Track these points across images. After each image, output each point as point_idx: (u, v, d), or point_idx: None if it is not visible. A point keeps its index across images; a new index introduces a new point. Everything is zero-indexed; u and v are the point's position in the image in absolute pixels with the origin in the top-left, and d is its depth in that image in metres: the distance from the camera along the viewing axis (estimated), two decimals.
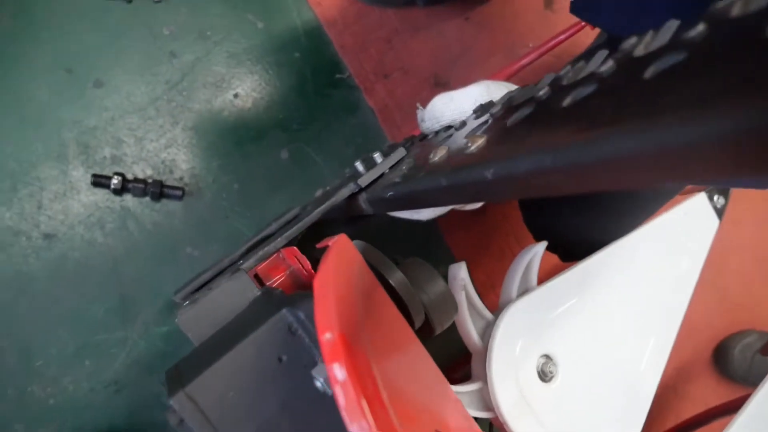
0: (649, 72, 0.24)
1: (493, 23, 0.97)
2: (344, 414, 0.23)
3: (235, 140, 0.78)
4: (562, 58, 1.00)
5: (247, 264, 0.45)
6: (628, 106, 0.22)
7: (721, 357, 1.10)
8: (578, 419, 0.59)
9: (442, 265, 0.91)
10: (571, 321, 0.61)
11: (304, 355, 0.33)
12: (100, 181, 0.70)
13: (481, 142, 0.34)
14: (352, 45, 0.86)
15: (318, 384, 0.32)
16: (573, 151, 0.23)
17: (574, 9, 0.70)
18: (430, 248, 0.90)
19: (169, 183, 0.73)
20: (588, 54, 0.83)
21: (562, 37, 0.80)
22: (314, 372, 0.31)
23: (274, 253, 0.46)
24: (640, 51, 0.27)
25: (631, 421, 0.63)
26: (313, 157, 0.82)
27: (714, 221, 0.73)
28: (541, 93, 0.34)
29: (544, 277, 0.63)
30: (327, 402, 0.32)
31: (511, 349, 0.56)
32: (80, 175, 0.71)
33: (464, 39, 0.94)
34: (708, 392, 1.11)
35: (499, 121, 0.36)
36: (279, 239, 0.46)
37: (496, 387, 0.54)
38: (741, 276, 1.12)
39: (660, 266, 0.69)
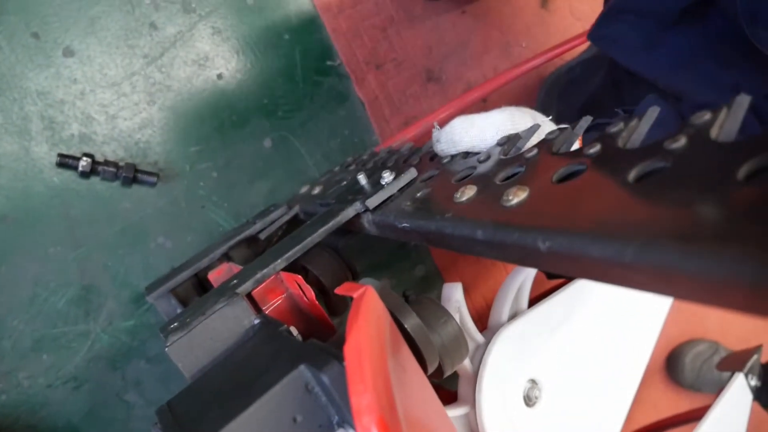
0: (744, 170, 0.23)
1: (489, 19, 0.94)
2: None
3: (216, 125, 0.73)
4: (553, 62, 0.98)
5: (243, 287, 0.41)
6: (737, 221, 0.20)
7: (672, 364, 1.14)
8: None
9: (419, 264, 0.90)
10: (558, 345, 0.60)
11: (319, 414, 0.30)
12: (66, 162, 0.64)
13: (523, 197, 0.31)
14: (346, 30, 0.81)
15: None
16: (668, 256, 0.21)
17: (592, 38, 0.71)
18: (408, 247, 0.88)
19: (142, 167, 0.68)
20: (611, 86, 0.83)
21: (565, 47, 0.78)
22: None
23: (272, 275, 0.43)
24: (724, 135, 0.26)
25: None
26: (298, 147, 0.78)
27: None
28: (591, 151, 0.32)
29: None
30: None
31: (501, 374, 0.55)
32: (44, 153, 0.64)
33: (459, 33, 0.91)
34: (658, 395, 1.16)
35: (539, 170, 0.34)
36: (278, 261, 0.43)
37: (484, 413, 0.53)
38: None
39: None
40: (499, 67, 0.94)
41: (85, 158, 0.64)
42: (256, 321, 0.40)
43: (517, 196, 0.31)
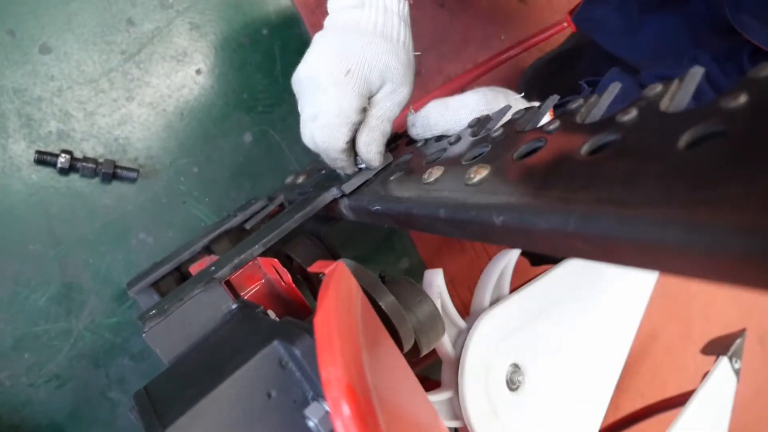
0: (684, 138, 0.23)
1: (467, 12, 0.94)
2: None
3: (196, 120, 0.73)
4: (531, 53, 0.99)
5: (221, 273, 0.42)
6: (672, 187, 0.20)
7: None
8: (541, 426, 0.60)
9: (405, 256, 0.90)
10: (540, 330, 0.61)
11: (294, 389, 0.31)
12: (44, 159, 0.64)
13: (484, 174, 0.32)
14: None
15: (311, 424, 0.30)
16: (606, 223, 0.21)
17: (577, 20, 0.72)
18: (393, 239, 0.88)
19: (122, 163, 0.68)
20: (589, 77, 0.83)
21: (543, 36, 0.79)
22: (307, 412, 0.29)
23: (249, 261, 0.43)
24: (674, 106, 0.26)
25: (588, 424, 0.65)
26: (278, 141, 0.78)
27: None
28: (551, 127, 0.32)
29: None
30: None
31: (483, 358, 0.56)
32: (21, 151, 0.64)
33: (438, 27, 0.91)
34: (644, 384, 1.17)
35: (502, 149, 0.34)
36: (256, 246, 0.43)
37: (467, 397, 0.53)
38: None
39: (623, 275, 0.70)
40: (478, 61, 0.95)
41: (63, 155, 0.64)
42: (234, 306, 0.40)
43: (479, 174, 0.32)
